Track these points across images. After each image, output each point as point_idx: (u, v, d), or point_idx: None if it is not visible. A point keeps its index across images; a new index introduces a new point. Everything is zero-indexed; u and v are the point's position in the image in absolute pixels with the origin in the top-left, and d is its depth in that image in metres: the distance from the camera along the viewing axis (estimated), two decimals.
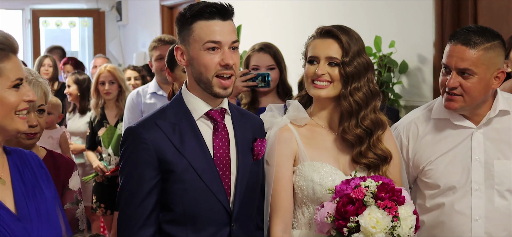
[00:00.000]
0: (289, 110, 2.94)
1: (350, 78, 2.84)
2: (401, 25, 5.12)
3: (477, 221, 2.99)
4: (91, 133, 6.08)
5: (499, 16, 4.54)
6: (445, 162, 3.04)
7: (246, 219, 2.77)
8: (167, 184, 2.66)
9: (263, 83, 3.84)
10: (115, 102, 6.06)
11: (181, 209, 2.66)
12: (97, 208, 6.04)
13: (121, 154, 2.72)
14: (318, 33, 2.89)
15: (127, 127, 2.74)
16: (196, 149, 2.67)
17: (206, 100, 2.72)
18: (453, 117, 3.04)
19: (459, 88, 2.92)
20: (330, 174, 2.83)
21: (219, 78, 2.67)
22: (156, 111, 2.76)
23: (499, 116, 3.02)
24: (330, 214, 2.65)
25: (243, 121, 2.82)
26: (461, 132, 3.04)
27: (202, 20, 2.67)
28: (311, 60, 2.87)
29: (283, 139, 2.87)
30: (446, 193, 3.03)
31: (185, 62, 2.73)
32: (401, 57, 5.03)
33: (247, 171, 2.75)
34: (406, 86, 5.10)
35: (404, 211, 2.62)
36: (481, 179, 3.00)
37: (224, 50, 2.67)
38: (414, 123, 3.16)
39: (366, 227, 2.56)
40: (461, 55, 2.90)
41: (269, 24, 6.87)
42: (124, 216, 2.69)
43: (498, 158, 2.99)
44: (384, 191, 2.62)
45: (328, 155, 2.88)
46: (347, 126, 2.86)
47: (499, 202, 2.98)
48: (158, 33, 9.65)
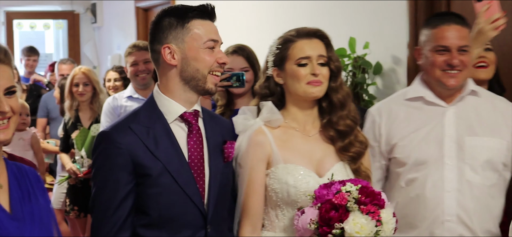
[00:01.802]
0: (263, 112, 2.96)
1: (338, 72, 2.95)
2: (375, 27, 5.14)
3: (449, 193, 3.13)
4: (65, 135, 6.05)
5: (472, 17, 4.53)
6: (418, 137, 3.20)
7: (220, 222, 2.78)
8: (142, 188, 2.65)
9: (237, 82, 3.84)
10: (89, 105, 6.03)
11: (157, 213, 2.65)
12: (70, 211, 6.01)
13: (94, 159, 2.70)
14: (303, 35, 2.93)
15: (100, 132, 2.73)
16: (171, 152, 2.67)
17: (182, 101, 2.72)
18: (428, 95, 3.23)
19: (460, 64, 3.15)
20: (304, 177, 2.85)
21: (212, 74, 2.71)
22: (128, 115, 2.76)
23: (470, 95, 3.22)
24: (313, 220, 2.66)
25: (213, 123, 2.83)
26: (434, 110, 3.22)
27: (198, 19, 2.72)
28: (303, 61, 2.90)
29: (257, 142, 2.89)
30: (418, 168, 3.17)
31: (175, 61, 2.72)
32: (375, 58, 5.04)
33: (219, 174, 2.76)
34: (381, 87, 5.12)
35: (385, 215, 2.67)
36: (453, 154, 3.15)
37: (218, 50, 2.74)
38: (387, 103, 3.37)
39: (351, 233, 2.59)
40: (459, 33, 3.16)
41: (242, 25, 6.86)
42: (99, 221, 2.67)
43: (469, 135, 3.16)
44: (364, 194, 2.64)
45: (302, 157, 2.90)
46: (340, 116, 2.94)
47: (470, 175, 3.14)
48: (133, 35, 9.60)
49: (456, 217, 3.12)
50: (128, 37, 9.87)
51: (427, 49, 3.22)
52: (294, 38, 2.93)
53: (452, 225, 3.12)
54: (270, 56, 3.00)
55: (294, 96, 2.95)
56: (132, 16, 9.80)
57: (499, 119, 3.21)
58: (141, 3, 9.61)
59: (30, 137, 6.09)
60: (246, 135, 2.93)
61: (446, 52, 3.17)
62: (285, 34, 2.99)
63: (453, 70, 3.15)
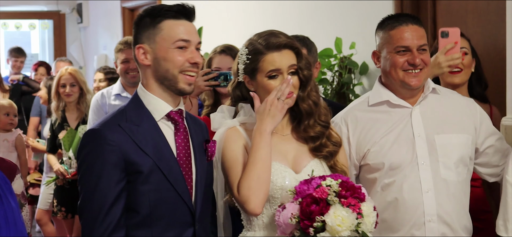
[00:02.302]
0: (240, 113, 2.99)
1: (308, 81, 2.94)
2: (361, 27, 5.16)
3: (427, 193, 3.14)
4: (52, 136, 6.03)
5: (458, 17, 4.60)
6: (390, 141, 3.20)
7: (206, 220, 2.80)
8: (133, 185, 2.63)
9: (225, 82, 3.85)
10: (76, 105, 6.02)
11: (147, 210, 2.65)
12: (58, 212, 5.99)
13: (83, 158, 2.66)
14: (273, 47, 2.90)
15: (88, 129, 2.70)
16: (161, 150, 2.67)
17: (166, 100, 2.73)
18: (392, 98, 3.24)
19: (421, 63, 3.17)
20: (280, 172, 2.88)
21: (184, 74, 2.69)
22: (116, 113, 2.74)
23: (432, 93, 3.25)
24: (294, 215, 2.68)
25: (192, 123, 2.84)
26: (400, 112, 3.24)
27: (169, 19, 2.70)
28: (273, 74, 2.90)
29: (232, 136, 2.91)
30: (393, 172, 3.18)
31: (148, 61, 2.72)
32: (361, 59, 5.07)
33: (205, 171, 2.78)
34: (367, 87, 5.14)
35: (366, 208, 2.69)
36: (426, 153, 3.17)
37: (192, 50, 2.71)
38: (351, 111, 3.34)
39: (332, 225, 2.60)
40: (417, 33, 3.18)
41: (230, 25, 6.87)
42: (93, 223, 2.61)
43: (437, 132, 3.19)
44: (345, 188, 2.67)
45: (277, 154, 2.92)
46: (307, 125, 2.95)
47: (445, 173, 3.16)
48: (119, 35, 9.59)
49: (437, 217, 3.13)
50: (114, 37, 9.85)
51: (386, 52, 3.22)
52: (264, 50, 2.90)
53: (433, 225, 3.13)
54: (240, 64, 2.98)
55: None
56: (118, 16, 9.79)
57: (462, 114, 3.25)
58: (127, 3, 9.60)
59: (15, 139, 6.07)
60: (221, 132, 2.94)
61: (407, 52, 3.17)
62: (254, 43, 2.95)
63: (415, 69, 3.17)
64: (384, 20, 3.28)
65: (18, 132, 6.11)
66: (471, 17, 4.50)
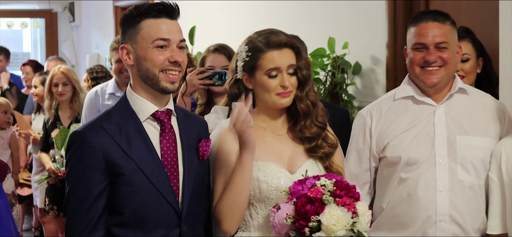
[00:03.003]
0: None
1: (306, 81, 2.95)
2: (354, 27, 5.16)
3: (442, 192, 3.14)
4: (45, 134, 6.03)
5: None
6: (410, 137, 3.20)
7: (195, 220, 2.78)
8: (115, 187, 2.65)
9: (220, 81, 3.85)
10: (69, 104, 6.01)
11: (130, 212, 2.65)
12: (49, 210, 5.98)
13: (68, 159, 2.70)
14: (273, 45, 2.91)
15: (73, 132, 2.72)
16: (144, 151, 2.67)
17: (152, 100, 2.72)
18: (417, 94, 3.25)
19: (439, 60, 3.16)
20: (275, 172, 2.87)
21: (165, 73, 2.68)
22: (101, 114, 2.76)
23: (458, 93, 3.24)
24: (289, 215, 2.68)
25: (187, 121, 2.83)
26: (423, 109, 3.24)
27: (149, 18, 2.69)
28: (272, 73, 2.90)
29: (226, 138, 2.89)
30: (410, 168, 3.18)
31: (132, 61, 2.72)
32: (354, 58, 5.06)
33: (194, 172, 2.76)
34: (360, 87, 5.14)
35: (361, 207, 2.69)
36: (444, 153, 3.16)
37: (172, 48, 2.70)
38: (377, 105, 3.37)
39: (328, 225, 2.60)
40: (436, 30, 3.17)
41: (223, 25, 6.86)
42: (73, 221, 2.67)
43: (460, 133, 3.18)
44: (339, 188, 2.67)
45: (272, 154, 2.92)
46: (304, 125, 2.95)
47: (462, 174, 3.14)
48: (111, 34, 9.57)
49: (449, 217, 3.13)
50: (106, 36, 9.84)
51: (409, 48, 3.26)
52: (264, 48, 2.91)
53: (444, 225, 3.13)
54: (239, 61, 2.98)
55: (263, 103, 2.96)
56: (111, 15, 9.77)
57: (489, 118, 3.23)
58: (119, 2, 9.59)
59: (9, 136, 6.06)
60: (215, 133, 2.94)
61: (423, 49, 3.19)
62: (254, 40, 2.96)
63: (431, 66, 3.17)
64: (414, 16, 3.31)
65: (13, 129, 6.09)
66: (463, 17, 4.50)
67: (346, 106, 4.97)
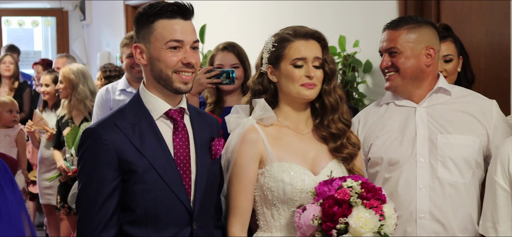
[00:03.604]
0: (256, 109, 2.95)
1: (333, 75, 2.95)
2: (365, 25, 5.15)
3: (421, 190, 3.15)
4: (57, 132, 6.05)
5: (462, 16, 4.59)
6: (392, 138, 3.24)
7: (206, 219, 2.77)
8: (128, 184, 2.64)
9: (227, 79, 3.84)
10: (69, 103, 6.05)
11: (142, 209, 2.65)
12: (61, 208, 6.00)
13: (80, 156, 2.69)
14: (300, 35, 2.92)
15: (86, 128, 2.72)
16: (157, 149, 2.66)
17: (165, 99, 2.72)
18: (397, 100, 3.31)
19: (391, 66, 3.24)
20: (299, 174, 2.85)
21: (178, 74, 2.67)
22: (114, 112, 2.75)
23: (437, 93, 3.27)
24: (316, 216, 2.65)
25: (200, 120, 2.82)
26: (405, 111, 3.28)
27: (163, 19, 2.68)
28: (298, 62, 2.89)
29: (249, 140, 2.88)
30: (392, 168, 3.20)
31: (145, 61, 2.72)
32: (365, 57, 5.06)
33: (206, 171, 2.75)
34: (370, 86, 5.14)
35: (388, 209, 2.68)
36: (425, 152, 3.18)
37: (186, 49, 2.68)
38: (366, 110, 3.45)
39: (355, 227, 2.59)
40: (387, 37, 3.25)
41: (233, 23, 6.86)
42: (85, 218, 2.66)
43: (441, 132, 3.19)
44: (366, 189, 2.66)
45: (296, 155, 2.90)
46: (332, 120, 2.95)
47: (442, 172, 3.15)
48: (122, 32, 9.59)
49: (429, 214, 3.13)
50: (117, 34, 9.85)
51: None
52: (291, 38, 2.91)
53: (425, 222, 3.13)
54: (265, 53, 2.97)
55: (287, 96, 2.95)
56: (121, 13, 9.79)
57: (473, 116, 3.23)
58: (130, 1, 9.60)
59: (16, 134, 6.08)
60: (237, 132, 2.92)
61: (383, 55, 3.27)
62: (281, 32, 2.96)
63: (386, 73, 3.25)
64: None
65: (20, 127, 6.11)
66: (475, 15, 4.48)
67: (357, 104, 4.96)
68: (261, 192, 2.89)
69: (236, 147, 2.89)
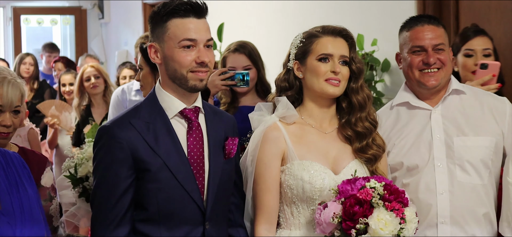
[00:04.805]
0: (278, 107, 2.96)
1: (359, 74, 2.97)
2: (383, 24, 5.14)
3: (442, 195, 3.14)
4: (77, 130, 6.08)
5: (480, 15, 4.57)
6: (408, 143, 3.21)
7: (219, 218, 2.78)
8: (141, 182, 2.66)
9: (242, 82, 3.83)
10: (103, 98, 6.07)
11: (155, 208, 2.67)
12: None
13: (95, 154, 2.71)
14: (328, 32, 2.94)
15: (101, 126, 2.74)
16: (171, 148, 2.68)
17: (180, 98, 2.73)
18: (412, 100, 3.27)
19: (438, 62, 3.19)
20: (319, 173, 2.86)
21: (194, 72, 2.68)
22: (129, 110, 2.77)
23: (452, 94, 3.25)
24: (336, 214, 2.66)
25: (216, 119, 2.83)
26: (420, 113, 3.25)
27: (177, 18, 2.68)
28: (324, 57, 2.91)
29: (271, 138, 2.89)
30: (411, 173, 3.19)
31: (159, 60, 2.73)
32: (383, 55, 5.05)
33: (219, 170, 2.76)
34: (388, 84, 5.13)
35: (409, 213, 2.68)
36: (443, 156, 3.17)
37: (199, 48, 2.69)
38: (377, 115, 3.30)
39: (375, 229, 2.60)
40: (433, 33, 3.20)
41: (251, 22, 6.86)
42: (99, 215, 2.68)
43: (457, 135, 3.18)
44: (389, 191, 2.65)
45: (318, 154, 2.90)
46: (359, 118, 2.95)
47: (461, 175, 3.14)
48: (140, 31, 9.61)
49: (450, 219, 3.12)
50: (135, 33, 9.88)
51: (405, 52, 3.27)
52: (319, 34, 2.94)
53: (446, 227, 3.13)
54: (292, 49, 2.99)
55: (311, 92, 2.96)
56: (140, 12, 9.82)
57: (488, 116, 3.22)
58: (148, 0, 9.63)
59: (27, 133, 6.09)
60: (260, 130, 2.93)
61: (422, 52, 3.20)
62: (311, 29, 2.99)
63: (430, 68, 3.18)
64: (405, 22, 3.31)
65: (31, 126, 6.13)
66: (494, 14, 4.47)
67: (375, 103, 4.95)
68: (281, 189, 2.90)
69: (258, 145, 2.90)
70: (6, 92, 2.94)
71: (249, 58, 3.99)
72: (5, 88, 2.94)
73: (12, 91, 2.96)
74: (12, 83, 2.98)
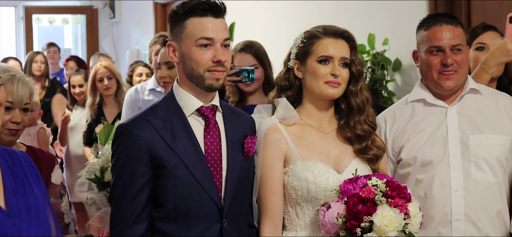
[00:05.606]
0: (278, 109, 2.96)
1: (359, 76, 2.95)
2: (395, 23, 5.14)
3: (457, 192, 3.13)
4: (88, 129, 6.11)
5: (492, 15, 4.56)
6: (423, 139, 3.20)
7: (237, 216, 2.78)
8: (158, 180, 2.68)
9: (247, 78, 3.84)
10: (115, 98, 6.09)
11: (173, 205, 2.68)
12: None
13: (113, 151, 2.74)
14: (329, 33, 2.93)
15: (118, 125, 2.77)
16: (188, 146, 2.69)
17: (198, 96, 2.74)
18: (429, 97, 3.25)
19: (454, 64, 3.16)
20: (323, 172, 2.86)
21: (210, 72, 2.69)
22: (147, 108, 2.79)
23: (469, 93, 3.23)
24: (340, 214, 2.66)
25: (234, 118, 2.84)
26: (436, 111, 3.24)
27: (195, 17, 2.70)
28: (324, 59, 2.90)
29: (272, 140, 2.89)
30: (425, 169, 3.18)
31: (177, 59, 2.75)
32: (394, 55, 5.04)
33: (237, 168, 2.77)
34: (400, 84, 5.12)
35: (413, 208, 2.68)
36: (458, 153, 3.16)
37: (216, 47, 2.70)
38: (391, 109, 3.38)
39: (380, 226, 2.59)
40: (451, 33, 3.17)
41: (262, 22, 6.87)
42: (117, 212, 2.71)
43: (473, 132, 3.17)
44: (391, 188, 2.65)
45: (319, 154, 2.91)
46: (358, 121, 2.94)
47: (476, 173, 3.13)
48: (151, 30, 9.64)
49: (464, 216, 3.12)
50: (146, 32, 9.91)
51: (422, 51, 3.25)
52: (320, 35, 2.92)
53: (460, 224, 3.12)
54: (293, 48, 2.99)
55: (310, 93, 2.96)
56: (151, 11, 9.84)
57: (503, 115, 3.21)
58: None
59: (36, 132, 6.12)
60: (260, 133, 2.93)
61: (439, 52, 3.18)
62: (312, 30, 2.97)
63: (448, 70, 3.16)
64: (423, 20, 3.29)
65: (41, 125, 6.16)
66: (506, 13, 4.45)
67: (386, 103, 4.95)
68: (285, 191, 2.90)
69: (260, 148, 2.90)
70: (16, 90, 2.99)
71: (256, 58, 4.00)
72: (15, 85, 2.99)
73: (22, 88, 3.01)
74: (22, 81, 3.02)
